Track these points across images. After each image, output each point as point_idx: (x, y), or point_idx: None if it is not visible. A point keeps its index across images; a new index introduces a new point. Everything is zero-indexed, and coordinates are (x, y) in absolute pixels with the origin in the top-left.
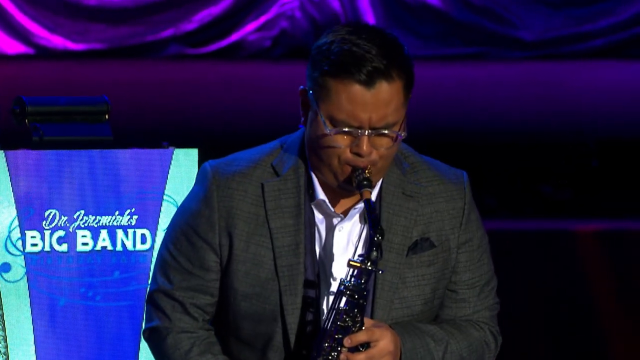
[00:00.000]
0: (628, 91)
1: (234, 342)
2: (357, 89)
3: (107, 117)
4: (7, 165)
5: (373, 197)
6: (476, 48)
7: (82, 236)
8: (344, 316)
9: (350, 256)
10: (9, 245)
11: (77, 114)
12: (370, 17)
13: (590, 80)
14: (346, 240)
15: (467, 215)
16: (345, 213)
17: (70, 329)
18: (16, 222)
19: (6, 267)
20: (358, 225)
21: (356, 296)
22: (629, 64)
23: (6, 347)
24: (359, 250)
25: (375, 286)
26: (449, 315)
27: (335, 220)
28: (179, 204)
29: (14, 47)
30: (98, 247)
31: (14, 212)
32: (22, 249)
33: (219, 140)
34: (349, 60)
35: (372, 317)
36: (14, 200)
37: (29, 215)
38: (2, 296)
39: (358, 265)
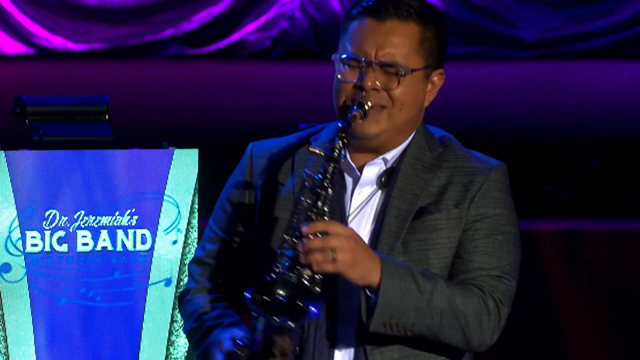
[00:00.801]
0: (628, 91)
1: None
2: (368, 21)
3: (107, 117)
4: (7, 165)
5: (391, 158)
6: (476, 48)
7: (83, 236)
8: (309, 211)
9: (366, 218)
10: (9, 245)
11: (77, 114)
12: None
13: (590, 80)
14: (363, 204)
15: (485, 191)
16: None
17: (70, 329)
18: (16, 223)
19: (6, 268)
20: (379, 190)
21: (318, 189)
22: (629, 64)
23: (6, 347)
24: (375, 216)
25: (376, 250)
26: (452, 279)
27: (352, 180)
28: (179, 204)
29: (14, 47)
30: (98, 248)
31: (14, 213)
32: (22, 249)
33: (219, 140)
34: (368, 2)
35: None
36: (14, 201)
37: (29, 215)
38: (2, 296)
39: (317, 152)
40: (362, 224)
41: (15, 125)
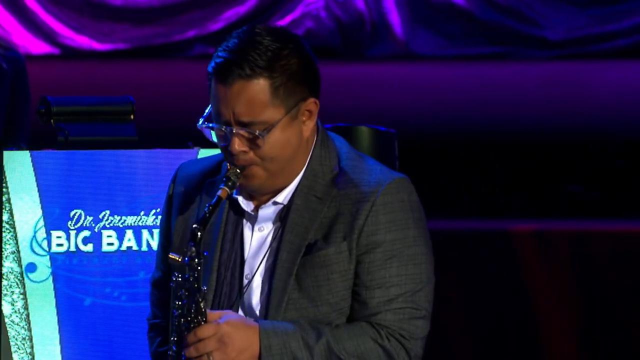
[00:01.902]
0: None
1: None
2: (218, 86)
3: (132, 117)
4: (33, 165)
5: (284, 198)
6: (501, 47)
7: (108, 236)
8: (187, 311)
9: (262, 255)
10: (35, 245)
11: (102, 114)
12: (395, 17)
13: (615, 80)
14: (263, 240)
15: (373, 218)
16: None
17: (95, 329)
18: (42, 222)
19: (32, 268)
20: (276, 226)
21: (187, 293)
22: None
23: (32, 347)
24: (271, 251)
25: (271, 286)
26: (351, 317)
27: (251, 219)
28: None
29: (39, 47)
30: (123, 247)
31: (39, 213)
32: (47, 249)
33: None
34: (216, 61)
35: (265, 317)
36: (39, 201)
37: (55, 215)
38: (27, 296)
39: (176, 259)
40: (259, 260)
41: (41, 126)
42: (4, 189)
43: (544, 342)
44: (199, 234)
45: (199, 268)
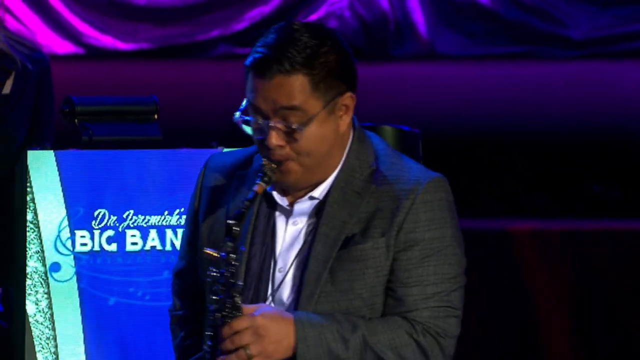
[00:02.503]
0: None
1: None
2: (256, 80)
3: (156, 116)
4: (57, 165)
5: (320, 193)
6: (525, 47)
7: (132, 236)
8: (223, 305)
9: (297, 248)
10: (59, 245)
11: (126, 114)
12: (419, 16)
13: (638, 79)
14: (297, 234)
15: (413, 216)
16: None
17: (119, 329)
18: (66, 222)
19: (56, 267)
20: (312, 220)
21: (223, 288)
22: None
23: (56, 346)
24: (306, 245)
25: (303, 278)
26: (386, 313)
27: (285, 213)
28: None
29: (63, 46)
30: (147, 247)
31: (63, 212)
32: (71, 249)
33: None
34: (255, 56)
35: (296, 309)
36: (63, 200)
37: (79, 215)
38: (51, 296)
39: (212, 254)
40: (293, 253)
41: (65, 125)
42: (28, 189)
43: (544, 342)
44: (235, 229)
45: (235, 263)
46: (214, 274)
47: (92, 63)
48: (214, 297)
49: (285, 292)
